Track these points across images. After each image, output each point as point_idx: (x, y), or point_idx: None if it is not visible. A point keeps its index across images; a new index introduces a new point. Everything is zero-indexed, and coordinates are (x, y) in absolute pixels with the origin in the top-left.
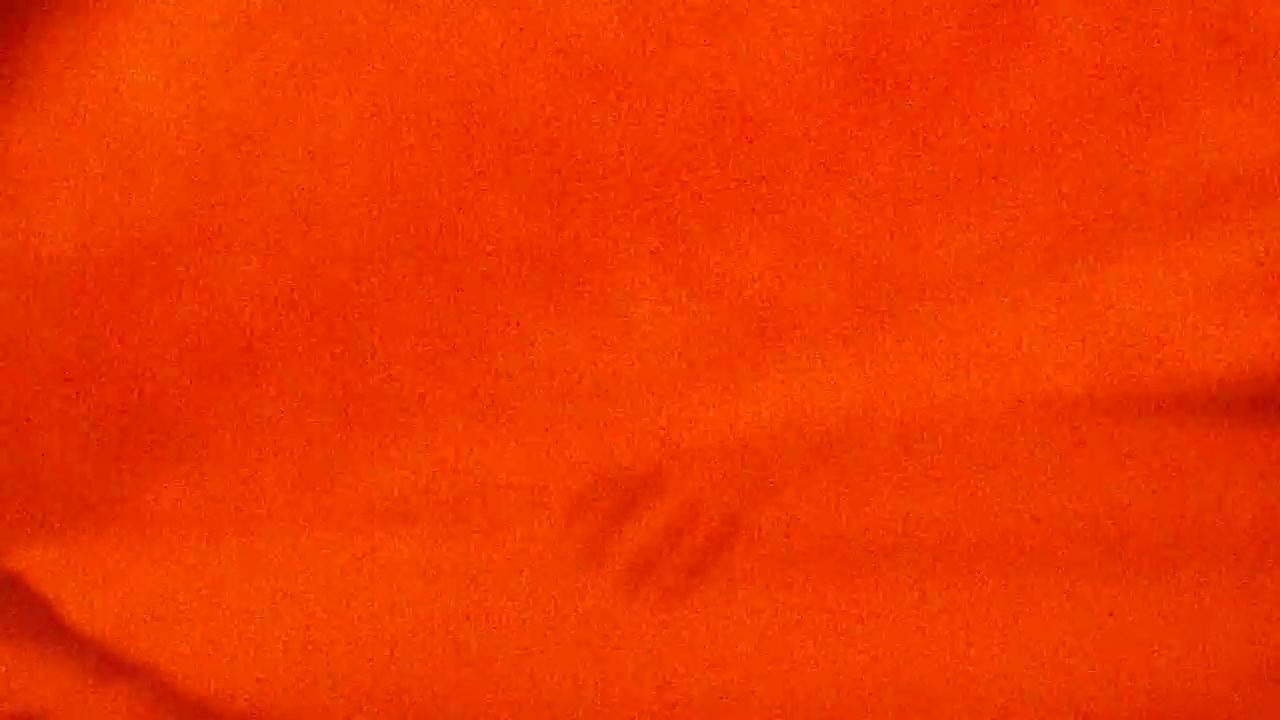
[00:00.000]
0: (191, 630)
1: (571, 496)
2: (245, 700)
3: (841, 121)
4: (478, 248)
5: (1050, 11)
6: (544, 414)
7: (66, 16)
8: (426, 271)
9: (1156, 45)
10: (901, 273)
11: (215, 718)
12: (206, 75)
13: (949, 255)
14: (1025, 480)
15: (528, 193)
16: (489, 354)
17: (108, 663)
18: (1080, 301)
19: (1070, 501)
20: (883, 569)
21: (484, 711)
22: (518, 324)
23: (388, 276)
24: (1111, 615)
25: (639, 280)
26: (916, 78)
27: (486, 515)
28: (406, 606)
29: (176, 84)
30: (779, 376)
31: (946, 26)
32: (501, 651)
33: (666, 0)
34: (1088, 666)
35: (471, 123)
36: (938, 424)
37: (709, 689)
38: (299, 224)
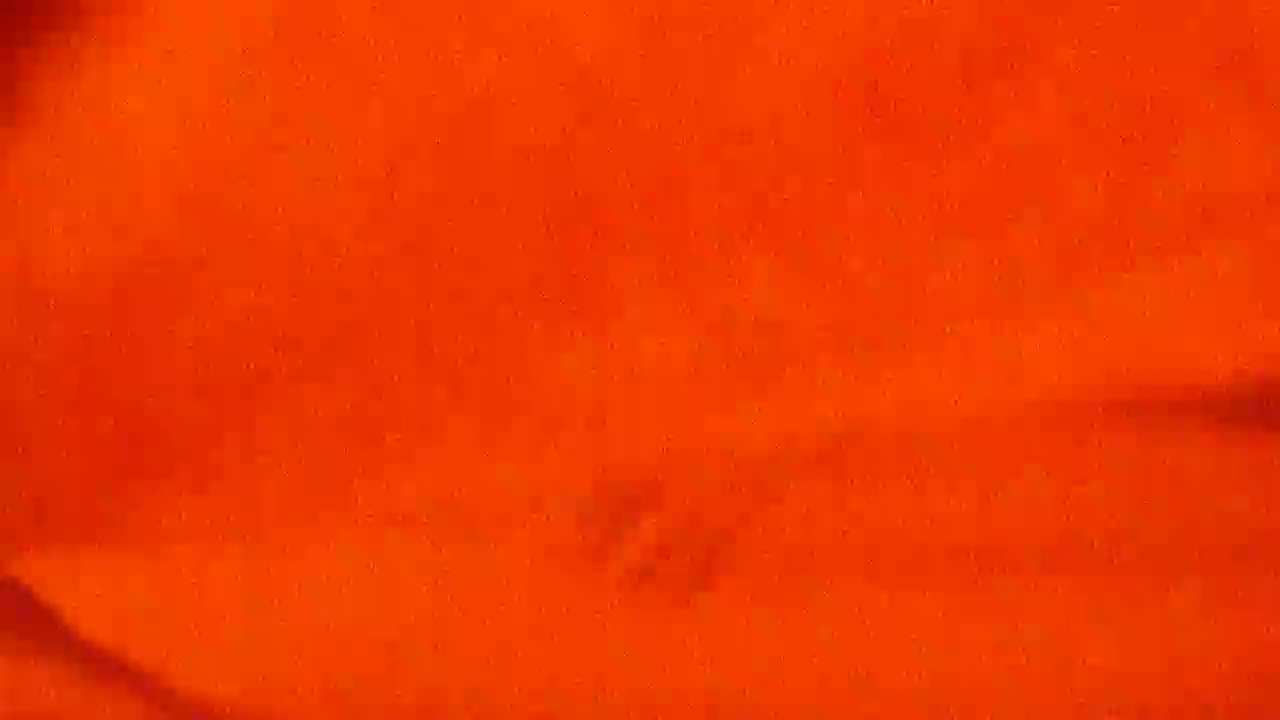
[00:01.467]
0: (192, 635)
1: (573, 505)
2: (245, 705)
3: (846, 147)
4: (480, 272)
5: (1055, 38)
6: (546, 429)
7: (66, 43)
8: (428, 295)
9: (1162, 71)
10: (906, 294)
11: None
12: (207, 101)
13: (953, 277)
14: (1025, 486)
15: (531, 217)
16: (491, 375)
17: (108, 667)
18: (1082, 312)
19: (1070, 507)
20: (881, 575)
21: (486, 715)
22: (520, 345)
23: (390, 299)
24: (1111, 618)
25: (642, 303)
26: (922, 103)
27: (488, 523)
28: (407, 613)
29: (176, 110)
30: (780, 390)
31: (952, 53)
32: (503, 657)
33: (672, 29)
34: (1088, 669)
35: (474, 148)
36: (937, 432)
37: (709, 694)
38: (300, 247)
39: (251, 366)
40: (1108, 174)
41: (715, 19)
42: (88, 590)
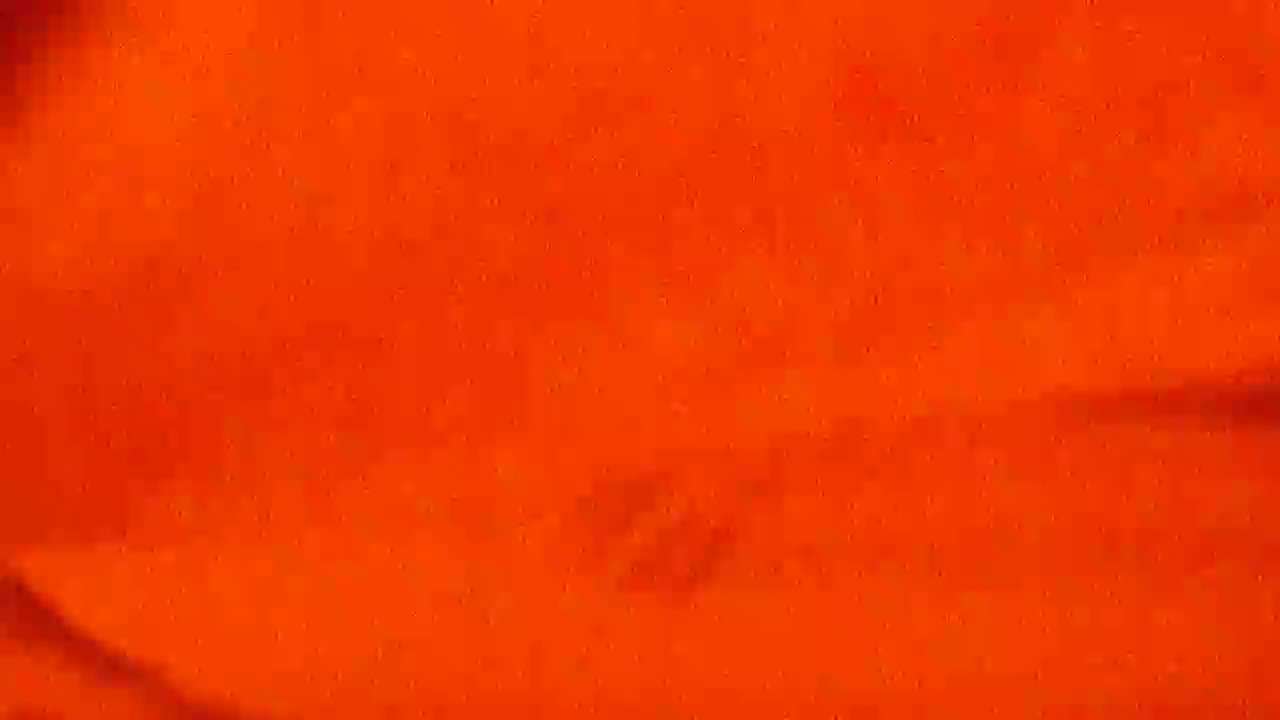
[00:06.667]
0: (195, 633)
1: (573, 502)
2: (248, 703)
3: (847, 141)
4: (481, 268)
5: (1057, 29)
6: (545, 426)
7: (69, 38)
8: (430, 291)
9: (1164, 61)
10: (906, 288)
11: None
12: (210, 98)
13: (953, 270)
14: (1025, 481)
15: (531, 214)
16: (491, 371)
17: (111, 665)
18: (1082, 306)
19: (1070, 502)
20: (881, 571)
21: (487, 715)
22: (520, 344)
23: (390, 298)
24: (1111, 615)
25: (641, 300)
26: (923, 97)
27: (488, 521)
28: (409, 610)
29: (179, 106)
30: (780, 386)
31: (953, 46)
32: (504, 655)
33: (672, 27)
34: (1088, 667)
35: (476, 144)
36: (937, 427)
37: (709, 691)
38: (300, 247)
39: (252, 365)
40: (1108, 168)
41: (715, 16)
42: (89, 588)
